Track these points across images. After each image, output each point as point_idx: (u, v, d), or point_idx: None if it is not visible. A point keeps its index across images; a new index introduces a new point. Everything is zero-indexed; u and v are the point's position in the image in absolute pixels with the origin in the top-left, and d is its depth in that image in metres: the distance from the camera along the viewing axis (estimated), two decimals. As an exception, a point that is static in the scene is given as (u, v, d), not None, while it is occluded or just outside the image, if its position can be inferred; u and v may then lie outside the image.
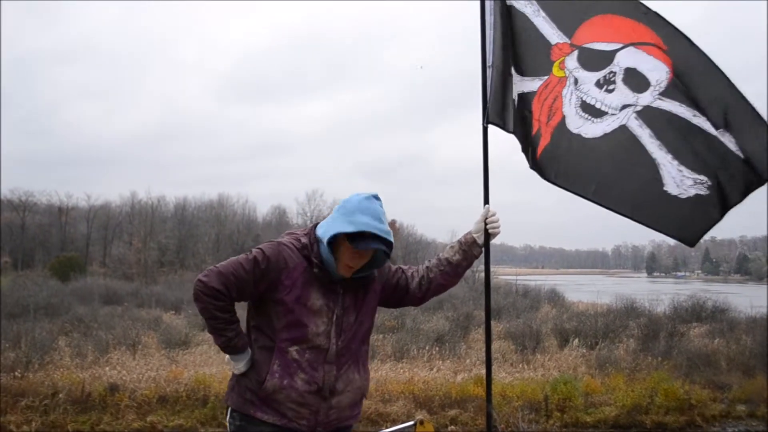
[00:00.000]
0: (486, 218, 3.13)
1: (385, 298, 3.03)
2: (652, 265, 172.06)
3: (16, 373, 12.44)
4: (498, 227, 3.13)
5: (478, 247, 3.11)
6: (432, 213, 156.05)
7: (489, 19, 3.49)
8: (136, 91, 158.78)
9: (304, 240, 2.82)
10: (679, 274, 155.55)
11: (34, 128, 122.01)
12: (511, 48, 3.47)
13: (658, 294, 30.51)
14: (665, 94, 3.26)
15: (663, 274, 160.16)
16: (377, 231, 2.67)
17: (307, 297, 2.75)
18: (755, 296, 33.85)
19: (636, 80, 3.31)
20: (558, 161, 3.38)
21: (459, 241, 3.12)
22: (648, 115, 3.27)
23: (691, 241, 3.31)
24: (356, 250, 2.70)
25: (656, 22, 3.34)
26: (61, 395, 11.59)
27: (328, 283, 2.79)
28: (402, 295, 3.04)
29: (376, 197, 2.80)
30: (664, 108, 3.26)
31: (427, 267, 3.10)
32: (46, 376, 12.52)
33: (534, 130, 3.47)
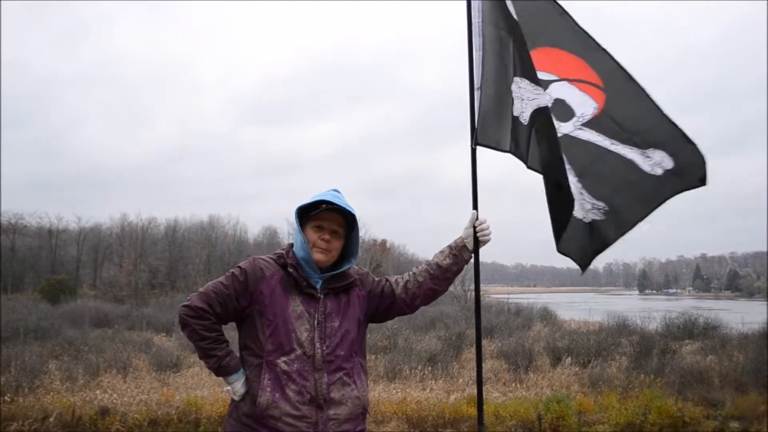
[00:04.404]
0: (474, 224, 3.16)
1: (374, 307, 3.06)
2: (643, 282, 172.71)
3: (6, 398, 12.30)
4: (488, 234, 3.16)
5: (468, 251, 3.14)
6: (427, 232, 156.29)
7: (476, 41, 3.55)
8: (154, 114, 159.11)
9: (280, 252, 2.96)
10: (671, 291, 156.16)
11: (41, 151, 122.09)
12: (517, 64, 3.54)
13: (650, 311, 30.52)
14: (587, 125, 3.51)
15: (654, 292, 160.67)
16: (327, 197, 2.90)
17: (287, 304, 2.81)
18: (746, 312, 33.98)
19: (562, 110, 3.54)
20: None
21: (449, 246, 3.15)
22: (566, 142, 3.48)
23: (583, 265, 3.58)
24: (315, 221, 2.90)
25: (598, 59, 3.57)
26: (51, 419, 11.43)
27: (307, 288, 2.85)
28: (390, 302, 3.08)
29: (335, 189, 3.02)
30: (583, 138, 3.52)
31: (413, 273, 3.14)
32: (36, 401, 12.37)
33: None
